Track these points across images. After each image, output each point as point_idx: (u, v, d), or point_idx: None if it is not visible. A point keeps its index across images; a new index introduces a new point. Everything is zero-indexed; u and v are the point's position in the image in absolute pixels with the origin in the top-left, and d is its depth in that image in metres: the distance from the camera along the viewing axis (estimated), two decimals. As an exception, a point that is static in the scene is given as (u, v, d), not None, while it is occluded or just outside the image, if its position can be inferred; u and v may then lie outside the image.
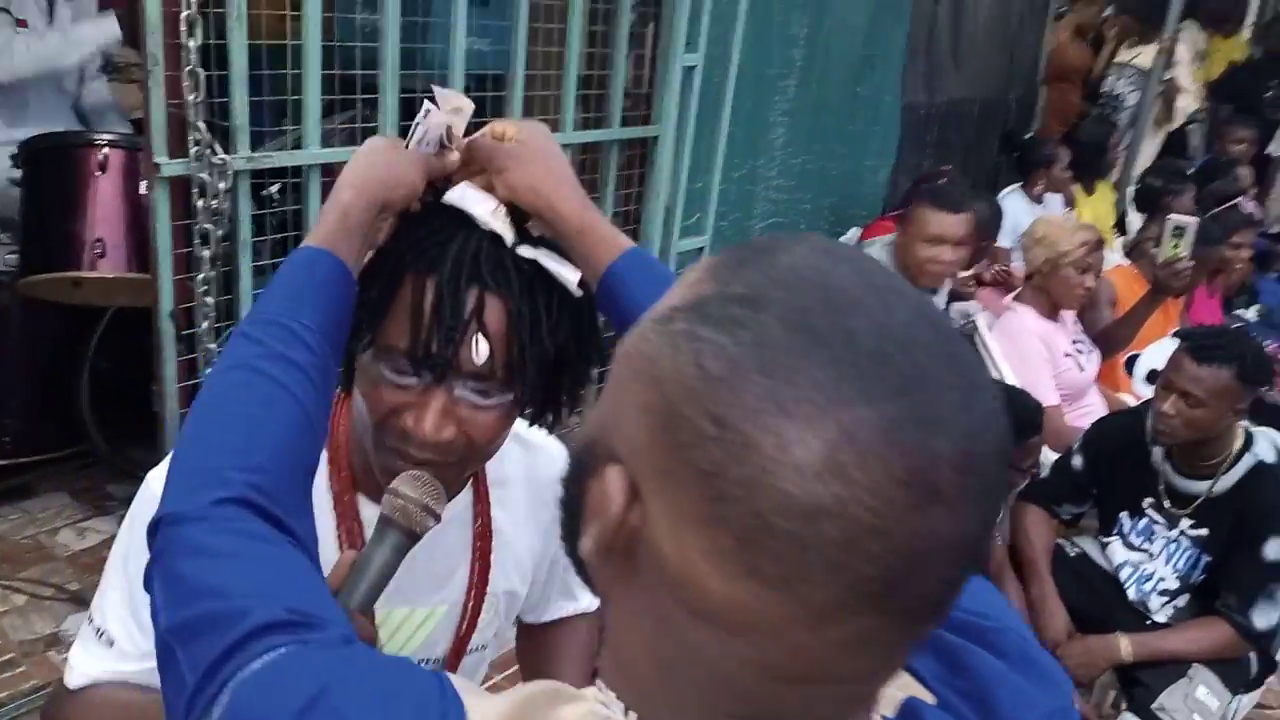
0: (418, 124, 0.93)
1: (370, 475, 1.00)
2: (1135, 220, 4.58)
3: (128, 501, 1.04)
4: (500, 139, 0.95)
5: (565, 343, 0.94)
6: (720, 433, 0.46)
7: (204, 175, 1.98)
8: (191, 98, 1.93)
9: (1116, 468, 2.50)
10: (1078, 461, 2.56)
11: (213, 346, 2.09)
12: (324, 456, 1.01)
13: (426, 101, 0.94)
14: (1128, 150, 4.85)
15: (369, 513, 1.02)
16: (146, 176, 2.01)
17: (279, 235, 2.24)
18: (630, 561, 0.51)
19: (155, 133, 1.92)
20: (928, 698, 0.59)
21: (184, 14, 1.89)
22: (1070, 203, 4.51)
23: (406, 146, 0.93)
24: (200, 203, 2.00)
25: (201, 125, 1.95)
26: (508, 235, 0.91)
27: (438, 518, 0.88)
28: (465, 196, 0.92)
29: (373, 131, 2.28)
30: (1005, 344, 3.06)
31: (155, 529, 0.74)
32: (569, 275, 0.94)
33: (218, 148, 1.99)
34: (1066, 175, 4.41)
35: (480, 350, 0.88)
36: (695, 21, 2.74)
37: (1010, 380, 2.88)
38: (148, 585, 0.73)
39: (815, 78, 3.65)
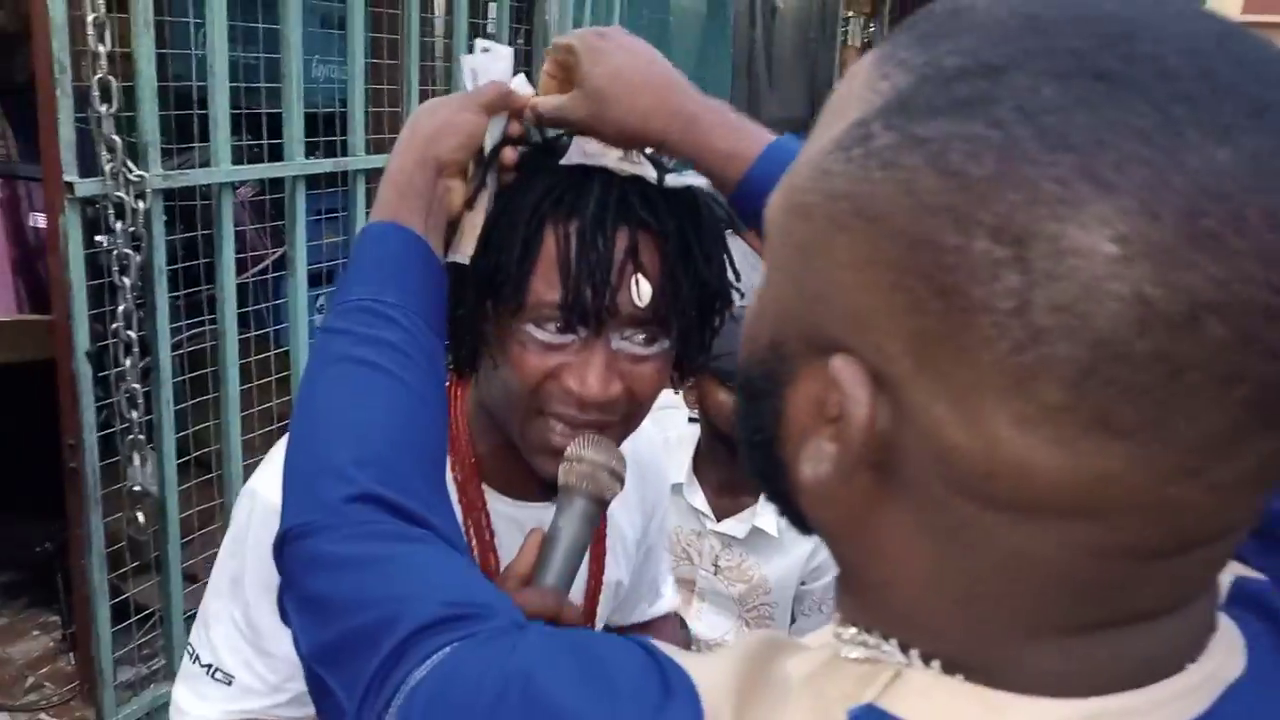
0: (468, 69, 0.86)
1: (496, 464, 0.93)
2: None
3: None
4: (563, 68, 0.85)
5: (718, 274, 0.89)
6: (1014, 249, 0.33)
7: (121, 195, 1.79)
8: (104, 109, 1.75)
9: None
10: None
11: (137, 386, 1.88)
12: None
13: (478, 42, 0.88)
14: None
15: (495, 505, 0.95)
16: (49, 201, 1.79)
17: (189, 263, 2.05)
18: (885, 474, 0.40)
19: (65, 149, 1.72)
20: (1257, 577, 0.48)
21: (91, 17, 1.72)
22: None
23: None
24: (119, 225, 1.80)
25: (117, 139, 1.76)
26: (650, 174, 0.85)
27: (622, 482, 0.83)
28: (585, 153, 0.84)
29: (279, 150, 2.15)
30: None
31: (280, 550, 0.67)
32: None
33: (131, 164, 1.81)
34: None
35: (642, 291, 0.82)
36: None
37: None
38: (284, 616, 0.66)
39: (661, 98, 3.75)
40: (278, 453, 0.92)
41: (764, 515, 2.00)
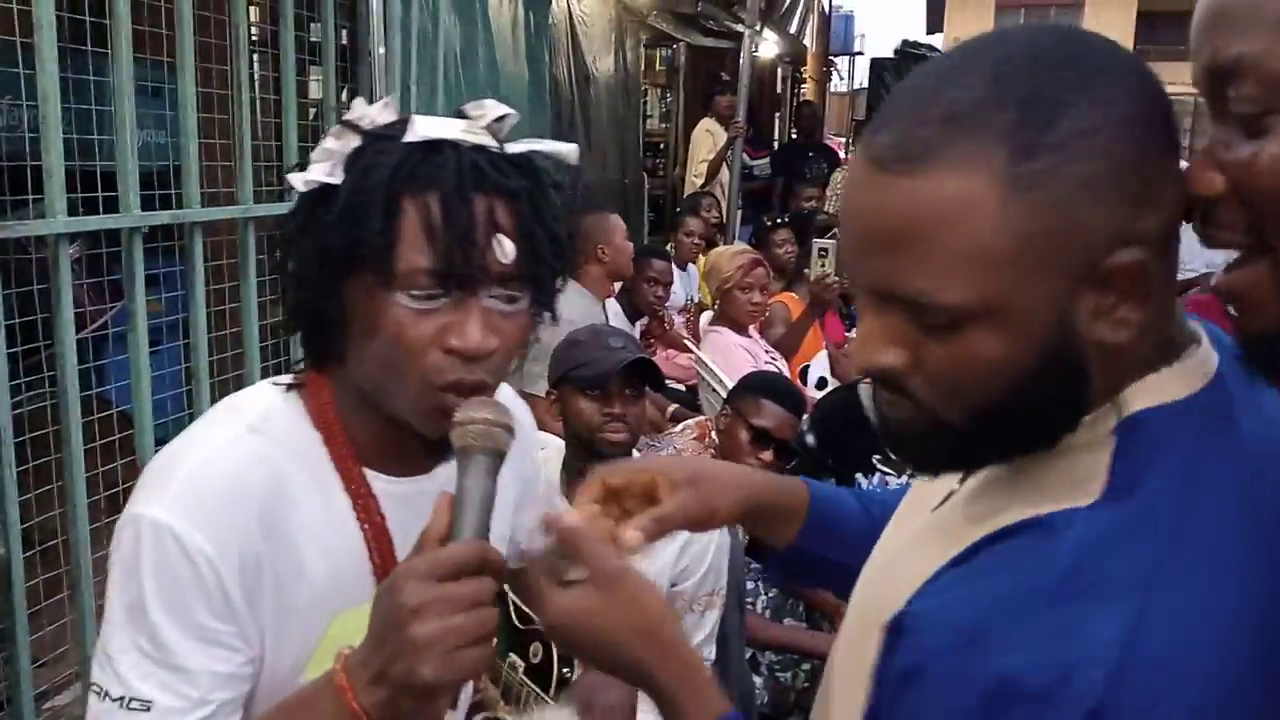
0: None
1: (374, 445, 0.97)
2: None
3: None
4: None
5: (564, 229, 0.95)
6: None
7: (-44, 244, 1.74)
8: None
9: (843, 436, 2.89)
10: (810, 439, 2.93)
11: (-23, 443, 1.80)
12: (317, 438, 0.97)
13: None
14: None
15: (378, 485, 0.98)
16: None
17: (24, 319, 1.98)
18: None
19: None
20: None
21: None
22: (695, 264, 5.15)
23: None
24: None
25: (-47, 187, 1.72)
26: (491, 143, 0.92)
27: (513, 432, 0.87)
28: (429, 128, 0.90)
29: (112, 205, 2.11)
30: (717, 358, 3.42)
31: None
32: (567, 150, 0.98)
33: (-35, 215, 1.76)
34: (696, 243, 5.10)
35: (506, 249, 0.88)
36: (405, 90, 2.85)
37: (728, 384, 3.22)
38: None
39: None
40: (151, 475, 0.93)
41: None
